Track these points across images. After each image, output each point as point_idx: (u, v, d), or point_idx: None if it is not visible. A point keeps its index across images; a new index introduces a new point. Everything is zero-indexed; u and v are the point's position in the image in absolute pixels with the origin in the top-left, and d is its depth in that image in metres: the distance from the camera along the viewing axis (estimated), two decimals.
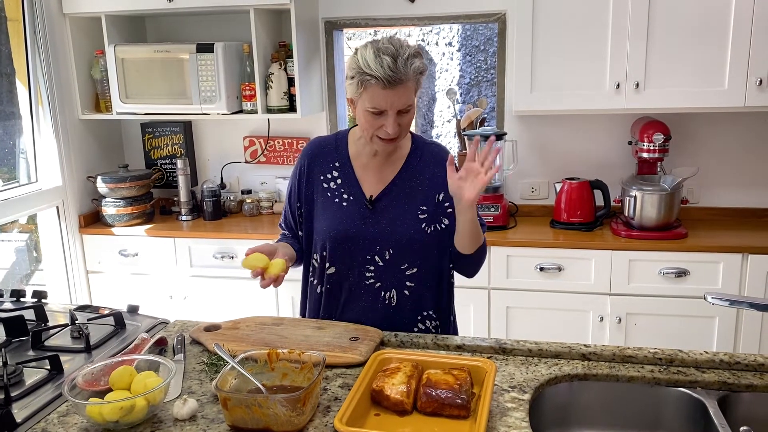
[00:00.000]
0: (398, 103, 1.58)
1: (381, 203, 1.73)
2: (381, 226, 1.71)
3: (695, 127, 3.00)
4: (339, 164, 1.77)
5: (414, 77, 1.59)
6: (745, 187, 3.02)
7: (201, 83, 3.02)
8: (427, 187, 1.74)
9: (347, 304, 1.76)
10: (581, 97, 2.79)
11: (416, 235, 1.71)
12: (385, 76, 1.54)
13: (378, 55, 1.56)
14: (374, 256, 1.71)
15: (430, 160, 1.77)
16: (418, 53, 1.61)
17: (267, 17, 3.07)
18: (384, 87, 1.56)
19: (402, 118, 1.62)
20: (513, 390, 1.39)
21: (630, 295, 2.72)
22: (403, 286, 1.73)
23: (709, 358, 1.48)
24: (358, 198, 1.74)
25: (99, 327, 1.75)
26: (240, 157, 3.49)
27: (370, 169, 1.76)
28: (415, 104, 1.66)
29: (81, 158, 3.26)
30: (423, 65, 1.62)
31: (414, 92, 1.62)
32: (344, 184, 1.75)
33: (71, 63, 3.16)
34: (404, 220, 1.71)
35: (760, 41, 2.58)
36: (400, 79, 1.55)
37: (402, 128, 1.63)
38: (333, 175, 1.77)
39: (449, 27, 6.30)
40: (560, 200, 2.96)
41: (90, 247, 3.23)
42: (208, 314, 3.06)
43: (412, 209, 1.72)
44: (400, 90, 1.57)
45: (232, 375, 1.31)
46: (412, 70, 1.57)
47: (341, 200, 1.74)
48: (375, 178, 1.75)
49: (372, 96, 1.58)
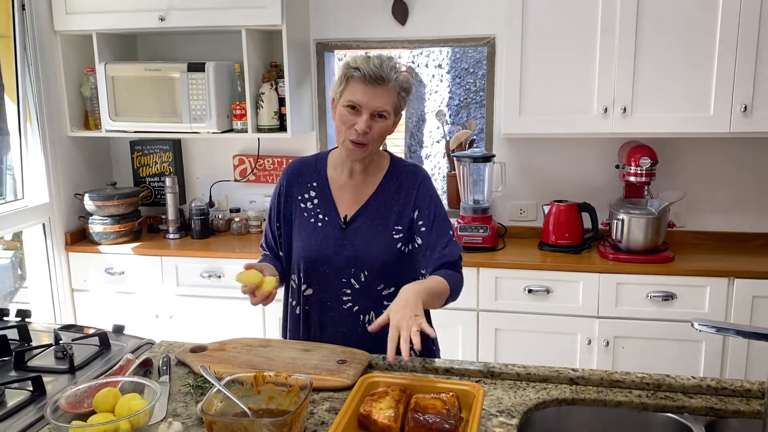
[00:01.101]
0: (376, 102, 1.62)
1: (355, 223, 1.73)
2: (354, 247, 1.71)
3: (682, 151, 3.03)
4: (317, 184, 1.79)
5: (396, 85, 1.63)
6: (731, 212, 3.05)
7: (191, 102, 3.02)
8: (402, 206, 1.74)
9: (326, 326, 1.75)
10: (569, 120, 2.81)
11: (391, 256, 1.71)
12: (369, 71, 1.60)
13: (368, 56, 1.64)
14: (350, 279, 1.71)
15: (405, 180, 1.77)
16: (404, 73, 1.65)
17: (258, 37, 3.09)
18: (365, 82, 1.61)
19: (375, 122, 1.64)
20: (501, 414, 1.39)
21: (617, 318, 2.73)
22: (381, 307, 1.69)
23: (696, 384, 1.48)
24: (333, 218, 1.74)
25: (83, 347, 1.73)
26: (229, 175, 3.48)
27: (347, 189, 1.77)
28: (393, 122, 1.68)
29: (69, 175, 3.24)
30: (408, 82, 1.66)
31: (394, 103, 1.65)
32: (321, 204, 1.76)
33: (61, 80, 3.15)
34: (379, 241, 1.71)
35: (744, 69, 2.63)
36: (382, 78, 1.60)
37: (372, 134, 1.64)
38: (310, 195, 1.78)
39: (439, 50, 6.37)
40: (548, 222, 2.97)
41: (76, 265, 3.20)
42: (194, 334, 3.03)
43: (386, 229, 1.72)
44: (380, 90, 1.61)
45: (217, 398, 1.29)
46: (395, 76, 1.62)
47: (317, 220, 1.75)
48: (351, 199, 1.76)
49: (352, 90, 1.62)
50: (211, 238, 3.31)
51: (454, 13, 3.11)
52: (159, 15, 2.96)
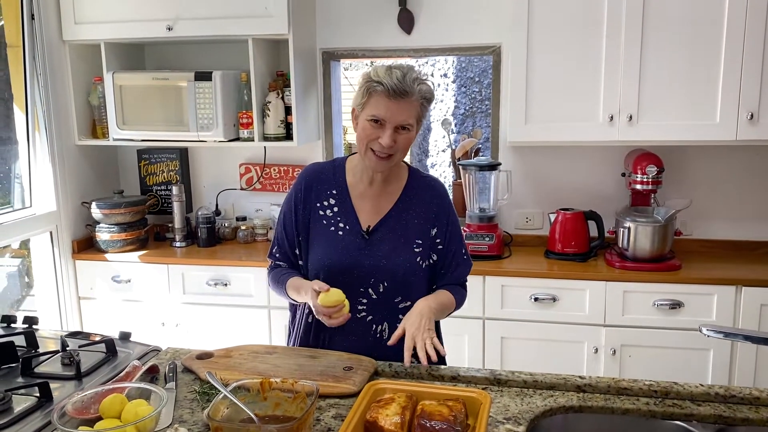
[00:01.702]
0: (399, 116, 1.61)
1: (377, 234, 1.72)
2: (377, 258, 1.70)
3: (688, 159, 3.03)
4: (336, 192, 1.76)
5: (419, 97, 1.63)
6: (738, 220, 3.04)
7: (198, 111, 3.04)
8: (422, 220, 1.75)
9: (337, 335, 1.74)
10: (575, 128, 2.81)
11: (412, 269, 1.71)
12: (392, 85, 1.59)
13: (389, 69, 1.62)
14: (368, 288, 1.71)
15: (426, 194, 1.77)
16: (426, 84, 1.66)
17: (265, 47, 3.11)
18: (388, 96, 1.59)
19: (399, 135, 1.63)
20: (508, 422, 1.38)
21: (624, 326, 2.72)
22: (396, 320, 1.71)
23: (704, 391, 1.47)
24: (354, 228, 1.73)
25: (90, 354, 1.73)
26: (236, 183, 3.50)
27: (367, 198, 1.75)
28: (416, 131, 1.68)
29: (76, 184, 3.26)
30: (429, 93, 1.66)
31: (417, 114, 1.65)
32: (341, 212, 1.74)
33: (69, 89, 3.18)
34: (400, 253, 1.71)
35: (750, 77, 2.63)
36: (405, 91, 1.59)
37: (397, 147, 1.64)
38: (330, 202, 1.75)
39: (444, 59, 6.38)
40: (554, 231, 2.97)
41: (83, 273, 3.21)
42: (200, 342, 3.03)
43: (408, 242, 1.72)
44: (403, 104, 1.60)
45: (224, 404, 1.29)
46: (418, 89, 1.62)
47: (337, 229, 1.73)
48: (371, 208, 1.74)
49: (375, 104, 1.61)
50: (217, 246, 3.32)
51: (459, 22, 3.12)
52: (167, 24, 2.99)
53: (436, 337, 1.57)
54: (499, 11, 3.05)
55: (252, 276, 3.02)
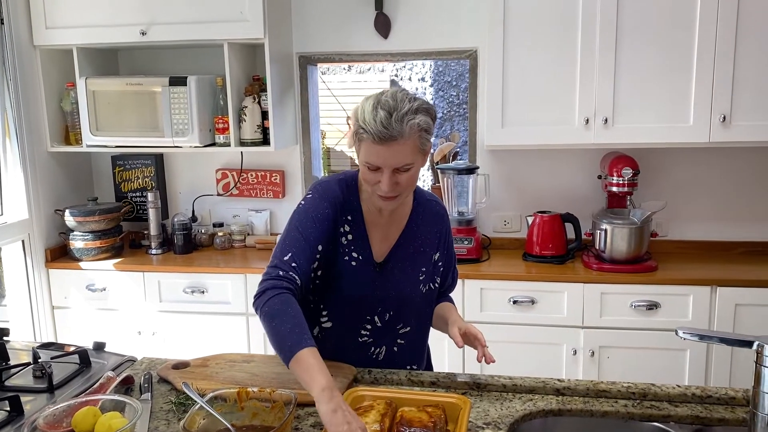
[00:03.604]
0: (392, 161, 1.48)
1: (388, 265, 1.67)
2: (386, 289, 1.66)
3: (663, 161, 3.06)
4: (351, 218, 1.65)
5: (412, 135, 1.48)
6: (713, 221, 3.08)
7: (173, 116, 3.00)
8: (428, 248, 1.71)
9: (333, 353, 1.67)
10: (551, 132, 2.83)
11: (416, 296, 1.69)
12: (376, 132, 1.45)
13: (375, 109, 1.47)
14: (374, 317, 1.67)
15: (431, 220, 1.73)
16: (421, 110, 1.50)
17: (241, 51, 3.09)
18: (375, 143, 1.46)
19: (400, 176, 1.51)
20: (488, 427, 1.38)
21: (602, 328, 2.74)
22: (394, 344, 1.71)
23: (681, 392, 1.48)
24: (367, 258, 1.65)
25: (63, 365, 1.70)
26: (212, 189, 3.46)
27: (379, 226, 1.67)
28: (422, 162, 1.56)
29: (49, 191, 3.20)
30: (425, 122, 1.50)
31: (415, 149, 1.50)
32: (355, 240, 1.65)
33: (41, 95, 3.12)
34: (408, 283, 1.68)
35: (722, 80, 2.66)
36: (392, 136, 1.45)
37: (401, 187, 1.53)
38: (345, 229, 1.65)
39: (422, 63, 6.40)
40: (532, 233, 2.98)
41: (56, 282, 3.15)
42: (177, 350, 2.99)
43: (415, 271, 1.69)
44: (394, 147, 1.47)
45: (200, 415, 1.27)
46: (408, 127, 1.46)
47: (350, 258, 1.64)
48: (381, 237, 1.67)
49: (367, 151, 1.49)
50: (194, 253, 3.28)
51: (436, 26, 3.13)
52: (140, 29, 2.95)
53: None
54: (476, 15, 3.06)
55: (230, 283, 2.99)
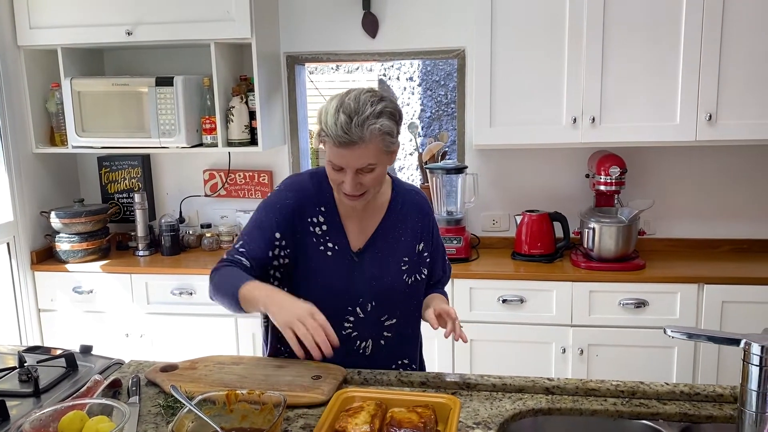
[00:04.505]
0: (355, 163, 1.50)
1: (365, 255, 1.68)
2: (365, 279, 1.66)
3: (650, 160, 3.08)
4: (324, 209, 1.67)
5: (373, 139, 1.49)
6: (700, 219, 3.10)
7: (160, 116, 2.98)
8: (409, 237, 1.71)
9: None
10: (539, 131, 2.84)
11: (399, 287, 1.69)
12: (336, 137, 1.47)
13: (337, 112, 1.47)
14: (356, 308, 1.67)
15: (411, 210, 1.73)
16: (385, 113, 1.50)
17: (228, 51, 3.07)
18: (336, 146, 1.49)
19: (363, 177, 1.54)
20: (478, 427, 1.38)
21: (591, 326, 2.75)
22: (380, 337, 1.70)
23: (669, 390, 1.49)
24: (343, 249, 1.67)
25: (49, 369, 1.68)
26: (200, 190, 3.44)
27: (354, 217, 1.68)
28: (387, 162, 1.57)
29: (34, 193, 3.17)
30: (387, 127, 1.50)
31: (378, 152, 1.51)
32: (330, 231, 1.66)
33: (25, 96, 3.09)
34: (388, 273, 1.68)
35: (707, 79, 2.68)
36: (352, 141, 1.47)
37: (365, 187, 1.56)
38: (319, 219, 1.67)
39: (410, 62, 6.40)
40: (521, 232, 2.99)
41: (42, 285, 3.12)
42: (165, 353, 2.97)
43: (395, 261, 1.69)
44: (356, 150, 1.48)
45: (189, 418, 1.26)
46: (369, 131, 1.47)
47: (326, 249, 1.66)
48: (358, 227, 1.68)
49: (330, 151, 1.52)
50: (181, 254, 3.26)
51: (424, 26, 3.12)
52: (126, 29, 2.93)
53: None
54: (463, 15, 3.06)
55: None
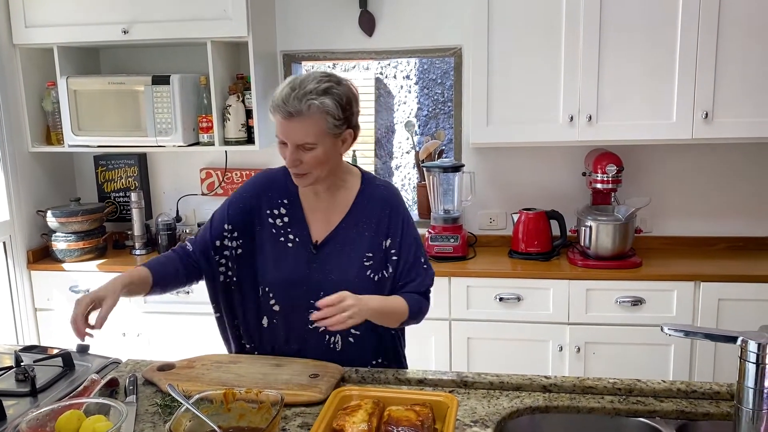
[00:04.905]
0: (294, 136, 1.54)
1: (326, 248, 1.66)
2: (325, 272, 1.65)
3: (646, 158, 3.08)
4: (287, 201, 1.69)
5: (312, 115, 1.51)
6: (696, 216, 3.10)
7: (156, 115, 2.98)
8: (374, 232, 1.67)
9: (292, 341, 1.69)
10: (536, 129, 2.84)
11: (361, 283, 1.64)
12: (275, 105, 1.53)
13: (285, 85, 1.54)
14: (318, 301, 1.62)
15: (378, 204, 1.69)
16: (331, 93, 1.52)
17: (224, 49, 3.06)
18: (279, 117, 1.53)
19: (304, 154, 1.55)
20: (475, 425, 1.38)
21: (588, 324, 2.75)
22: (348, 333, 1.67)
23: (666, 387, 1.49)
24: (304, 241, 1.67)
25: (46, 368, 1.68)
26: (196, 189, 3.44)
27: (318, 210, 1.69)
28: (330, 145, 1.57)
29: (30, 192, 3.16)
30: (328, 106, 1.52)
31: (320, 130, 1.53)
32: (291, 223, 1.68)
33: (21, 95, 3.08)
34: (349, 268, 1.64)
35: (704, 77, 2.69)
36: (289, 113, 1.51)
37: (306, 165, 1.56)
38: (280, 211, 1.69)
39: (406, 61, 6.40)
40: (518, 231, 2.99)
41: (39, 284, 3.11)
42: (163, 352, 2.97)
43: (358, 256, 1.65)
44: (296, 123, 1.52)
45: (186, 417, 1.26)
46: (307, 105, 1.50)
47: (287, 240, 1.67)
48: (322, 220, 1.68)
49: (276, 123, 1.56)
50: None
51: (420, 24, 3.12)
52: (122, 28, 2.92)
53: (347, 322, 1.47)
54: (460, 13, 3.06)
55: None
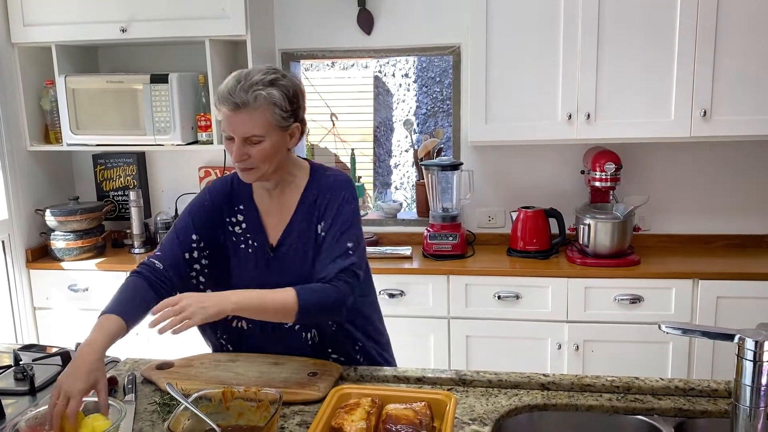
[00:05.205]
0: (241, 129, 1.49)
1: (282, 249, 1.63)
2: (283, 273, 1.62)
3: (645, 156, 3.08)
4: (243, 207, 1.66)
5: (259, 106, 1.48)
6: (694, 214, 3.11)
7: (155, 114, 2.98)
8: (316, 222, 1.62)
9: (269, 342, 1.67)
10: (535, 127, 2.84)
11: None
12: (221, 98, 1.49)
13: (231, 77, 1.51)
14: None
15: (320, 194, 1.63)
16: (277, 85, 1.49)
17: (223, 48, 3.06)
18: (226, 110, 1.49)
19: (251, 148, 1.51)
20: (474, 423, 1.38)
21: (586, 322, 2.75)
22: (324, 325, 1.66)
23: (664, 385, 1.50)
24: (262, 244, 1.64)
25: (45, 367, 1.68)
26: (195, 187, 3.44)
27: (272, 211, 1.66)
28: (278, 138, 1.53)
29: (29, 191, 3.16)
30: (274, 96, 1.48)
31: (267, 123, 1.49)
32: (249, 228, 1.66)
33: (19, 93, 3.08)
34: (303, 265, 1.61)
35: (702, 75, 2.69)
36: (236, 104, 1.47)
37: (254, 159, 1.52)
38: (238, 218, 1.66)
39: (405, 59, 6.40)
40: (516, 229, 3.00)
41: (37, 283, 3.11)
42: (161, 351, 2.96)
43: (309, 250, 1.62)
44: (242, 115, 1.48)
45: (185, 415, 1.26)
46: (254, 96, 1.47)
47: (247, 246, 1.65)
48: (276, 221, 1.65)
49: (222, 116, 1.52)
50: None
51: (419, 23, 3.12)
52: (120, 26, 2.92)
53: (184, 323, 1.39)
54: (459, 12, 3.06)
55: None
